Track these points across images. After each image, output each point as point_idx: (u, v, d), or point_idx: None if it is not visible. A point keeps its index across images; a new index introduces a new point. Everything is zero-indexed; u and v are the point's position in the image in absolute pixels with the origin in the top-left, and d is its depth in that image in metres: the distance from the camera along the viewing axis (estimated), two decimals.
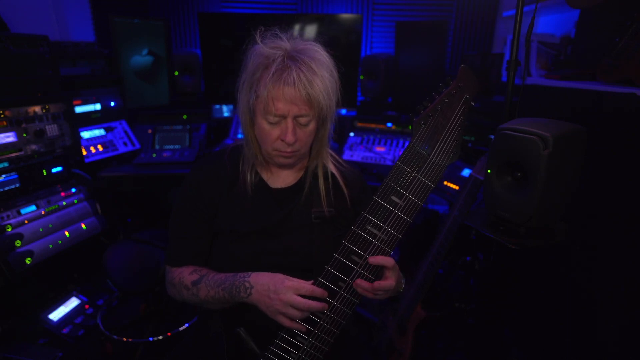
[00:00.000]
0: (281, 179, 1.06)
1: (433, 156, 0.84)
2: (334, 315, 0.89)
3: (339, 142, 2.63)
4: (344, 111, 2.88)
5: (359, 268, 0.87)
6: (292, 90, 0.86)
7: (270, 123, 0.91)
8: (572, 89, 1.48)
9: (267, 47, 0.90)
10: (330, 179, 1.05)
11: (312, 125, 0.94)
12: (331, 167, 1.06)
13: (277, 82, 0.86)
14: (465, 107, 0.82)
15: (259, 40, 0.92)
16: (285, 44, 0.91)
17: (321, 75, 0.89)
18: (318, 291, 0.86)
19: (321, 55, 0.92)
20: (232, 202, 1.02)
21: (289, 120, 0.90)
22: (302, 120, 0.92)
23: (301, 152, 0.98)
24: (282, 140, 0.92)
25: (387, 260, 0.86)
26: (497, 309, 1.81)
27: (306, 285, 0.86)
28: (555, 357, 1.54)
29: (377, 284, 0.86)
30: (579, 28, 1.86)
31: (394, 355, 1.74)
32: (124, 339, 1.85)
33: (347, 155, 2.48)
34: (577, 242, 1.39)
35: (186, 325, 1.95)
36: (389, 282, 0.88)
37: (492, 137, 1.12)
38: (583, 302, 1.40)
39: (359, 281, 0.86)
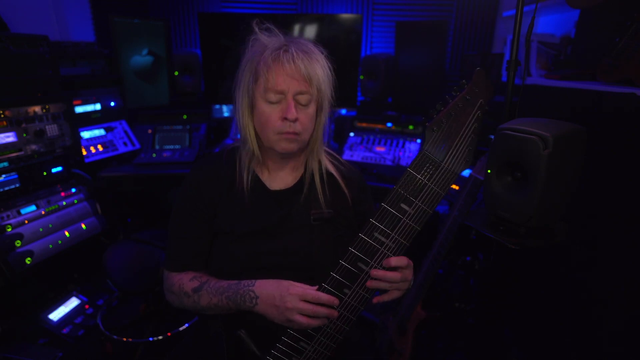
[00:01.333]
0: (279, 179, 1.06)
1: (445, 163, 0.81)
2: (338, 321, 0.88)
3: (339, 142, 2.62)
4: (344, 111, 2.87)
5: (365, 275, 0.86)
6: (292, 66, 0.90)
7: (271, 103, 0.93)
8: (572, 89, 1.48)
9: (264, 37, 0.95)
10: (329, 179, 1.05)
11: (312, 108, 0.96)
12: (329, 167, 1.06)
13: (276, 59, 0.90)
14: (480, 113, 0.80)
15: (257, 33, 0.97)
16: (282, 38, 0.96)
17: (319, 60, 0.94)
18: (324, 297, 0.85)
19: (316, 48, 0.96)
20: (231, 202, 1.02)
21: (289, 97, 0.92)
22: (302, 98, 0.93)
23: (303, 138, 0.97)
24: (285, 119, 0.92)
25: (401, 261, 0.86)
26: (497, 309, 1.81)
27: (311, 292, 0.85)
28: (555, 357, 1.54)
29: (385, 273, 0.85)
30: (579, 28, 1.86)
31: (394, 355, 1.74)
32: (124, 339, 1.85)
33: (347, 155, 2.48)
34: (577, 242, 1.38)
35: (186, 325, 1.95)
36: (395, 274, 0.86)
37: (492, 137, 1.12)
38: (583, 302, 1.40)
39: (373, 272, 0.85)
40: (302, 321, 0.84)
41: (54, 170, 1.95)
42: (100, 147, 2.26)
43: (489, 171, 1.12)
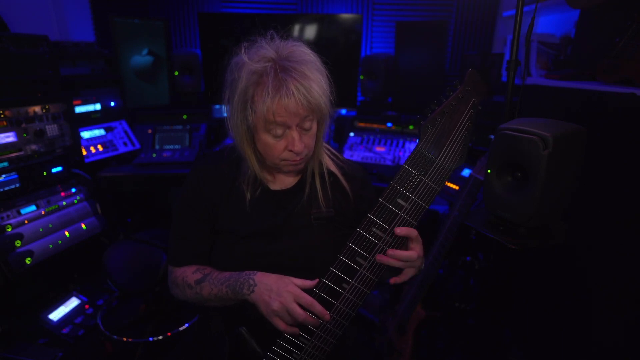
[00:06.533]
0: (280, 180, 1.06)
1: (440, 159, 0.84)
2: (337, 316, 0.89)
3: (339, 142, 2.63)
4: (344, 111, 2.87)
5: (363, 270, 0.87)
6: (293, 102, 0.85)
7: (275, 136, 0.90)
8: (572, 89, 1.48)
9: (253, 62, 0.87)
10: (330, 178, 1.05)
11: (314, 128, 0.94)
12: (330, 165, 1.05)
13: (275, 97, 0.84)
14: (473, 112, 0.83)
15: (245, 57, 0.89)
16: (270, 53, 0.88)
17: (315, 78, 0.88)
18: (317, 307, 0.86)
19: (308, 55, 0.91)
20: (232, 203, 1.02)
21: (294, 130, 0.90)
22: (306, 124, 0.91)
23: (309, 156, 0.98)
24: (291, 151, 0.91)
25: (411, 231, 0.85)
26: (497, 309, 1.81)
27: (307, 298, 0.85)
28: (555, 357, 1.54)
29: (400, 252, 0.84)
30: (579, 28, 1.86)
31: (394, 355, 1.74)
32: (124, 339, 1.85)
33: (347, 155, 2.48)
34: (577, 242, 1.38)
35: (186, 325, 1.95)
36: (412, 252, 0.85)
37: (492, 137, 1.12)
38: (583, 302, 1.40)
39: (388, 252, 0.84)
40: (288, 320, 0.85)
41: (54, 170, 1.95)
42: (100, 147, 2.26)
43: (489, 171, 1.12)
